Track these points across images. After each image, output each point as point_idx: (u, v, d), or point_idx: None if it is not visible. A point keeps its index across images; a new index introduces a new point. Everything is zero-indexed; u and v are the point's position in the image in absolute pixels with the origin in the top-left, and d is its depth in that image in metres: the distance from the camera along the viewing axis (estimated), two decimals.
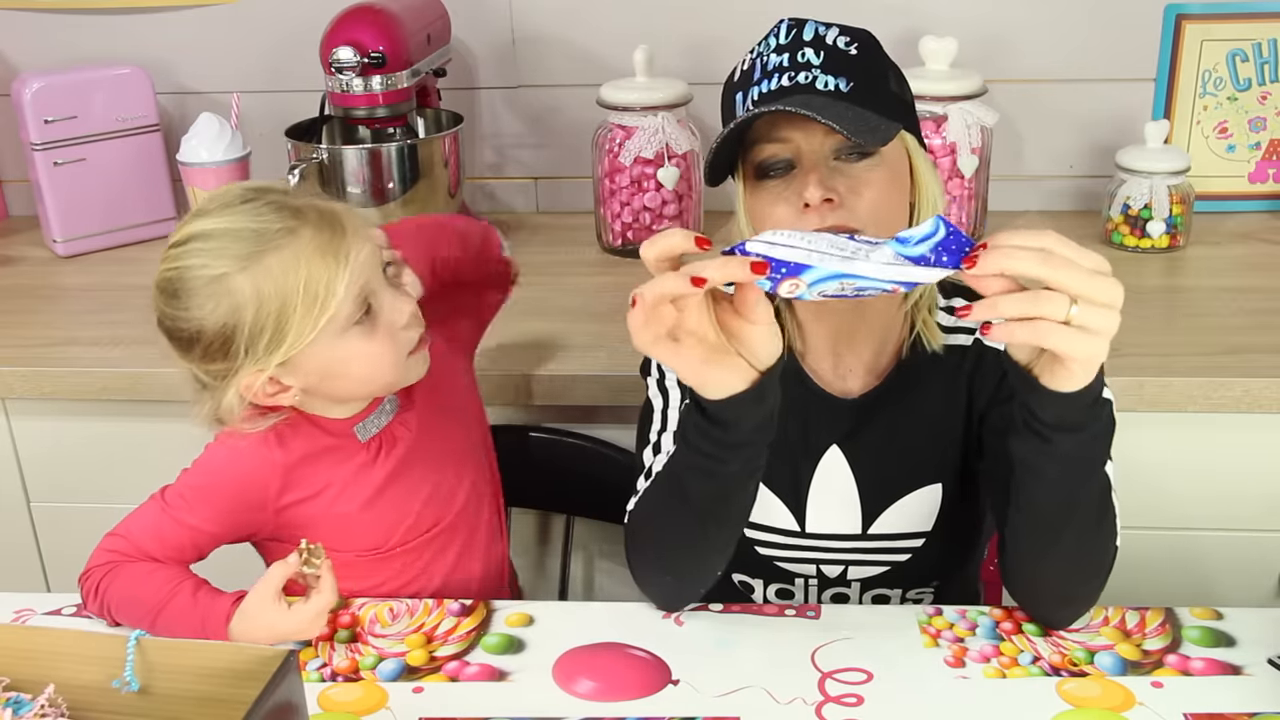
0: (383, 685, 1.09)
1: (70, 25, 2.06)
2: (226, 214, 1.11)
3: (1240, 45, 1.93)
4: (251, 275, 1.08)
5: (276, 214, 1.10)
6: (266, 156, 1.95)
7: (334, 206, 1.14)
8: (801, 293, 0.89)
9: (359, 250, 1.12)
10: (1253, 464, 1.55)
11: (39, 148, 1.92)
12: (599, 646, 1.13)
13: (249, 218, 1.10)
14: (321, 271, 1.09)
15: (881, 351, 1.22)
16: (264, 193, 1.14)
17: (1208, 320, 1.64)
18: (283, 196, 1.13)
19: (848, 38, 1.10)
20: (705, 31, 1.96)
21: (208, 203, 1.14)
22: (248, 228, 1.10)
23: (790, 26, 1.11)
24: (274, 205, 1.11)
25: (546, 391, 1.56)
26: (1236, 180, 2.00)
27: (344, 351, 1.14)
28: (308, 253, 1.09)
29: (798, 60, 1.09)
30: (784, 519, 1.25)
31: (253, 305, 1.08)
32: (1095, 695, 1.05)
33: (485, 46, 2.04)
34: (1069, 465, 1.00)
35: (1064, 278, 0.88)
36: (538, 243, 2.00)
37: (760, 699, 1.06)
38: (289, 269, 1.08)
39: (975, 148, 1.83)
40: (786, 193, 1.10)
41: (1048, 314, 0.88)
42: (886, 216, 1.11)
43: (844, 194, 1.09)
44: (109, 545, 1.20)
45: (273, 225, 1.10)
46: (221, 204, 1.13)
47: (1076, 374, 0.93)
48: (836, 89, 1.07)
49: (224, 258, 1.09)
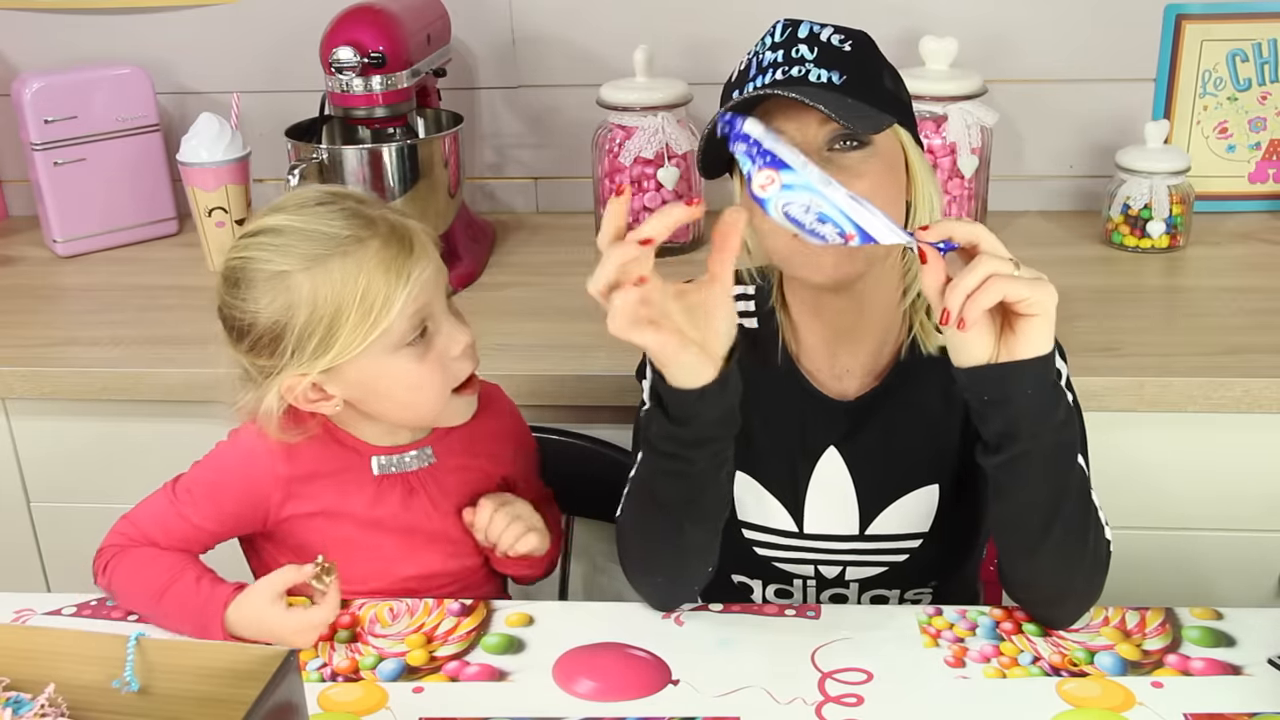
0: (383, 685, 1.09)
1: (70, 25, 2.06)
2: (301, 213, 1.12)
3: (1240, 45, 1.93)
4: (312, 277, 1.09)
5: (348, 220, 1.11)
6: (266, 156, 1.95)
7: (408, 223, 1.14)
8: (768, 197, 0.91)
9: (423, 270, 1.11)
10: (1253, 464, 1.55)
11: (39, 148, 1.92)
12: (599, 646, 1.13)
13: (321, 220, 1.11)
14: (381, 285, 1.09)
15: (879, 353, 1.22)
16: (341, 198, 1.14)
17: (1208, 320, 1.64)
18: (358, 205, 1.13)
19: (842, 35, 1.11)
20: (705, 31, 1.96)
21: (286, 199, 1.15)
22: (319, 230, 1.10)
23: (785, 26, 1.12)
24: (348, 212, 1.12)
25: (547, 391, 1.56)
26: (1236, 180, 2.00)
27: (392, 370, 1.13)
28: (371, 264, 1.09)
29: (792, 56, 1.09)
30: (782, 520, 1.25)
31: (307, 307, 1.09)
32: (1095, 695, 1.05)
33: (485, 46, 2.04)
34: (1040, 464, 1.04)
35: (1000, 246, 0.98)
36: (538, 243, 2.00)
37: (760, 699, 1.06)
38: (350, 276, 1.08)
39: (975, 148, 1.83)
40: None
41: (999, 269, 0.95)
42: (880, 208, 1.11)
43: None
44: (121, 529, 1.21)
45: (343, 231, 1.10)
46: (298, 202, 1.13)
47: (1040, 327, 0.98)
48: (829, 82, 1.08)
49: (290, 256, 1.09)
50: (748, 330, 1.25)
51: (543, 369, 1.56)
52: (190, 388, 1.58)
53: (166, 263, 1.97)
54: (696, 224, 1.93)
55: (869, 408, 1.22)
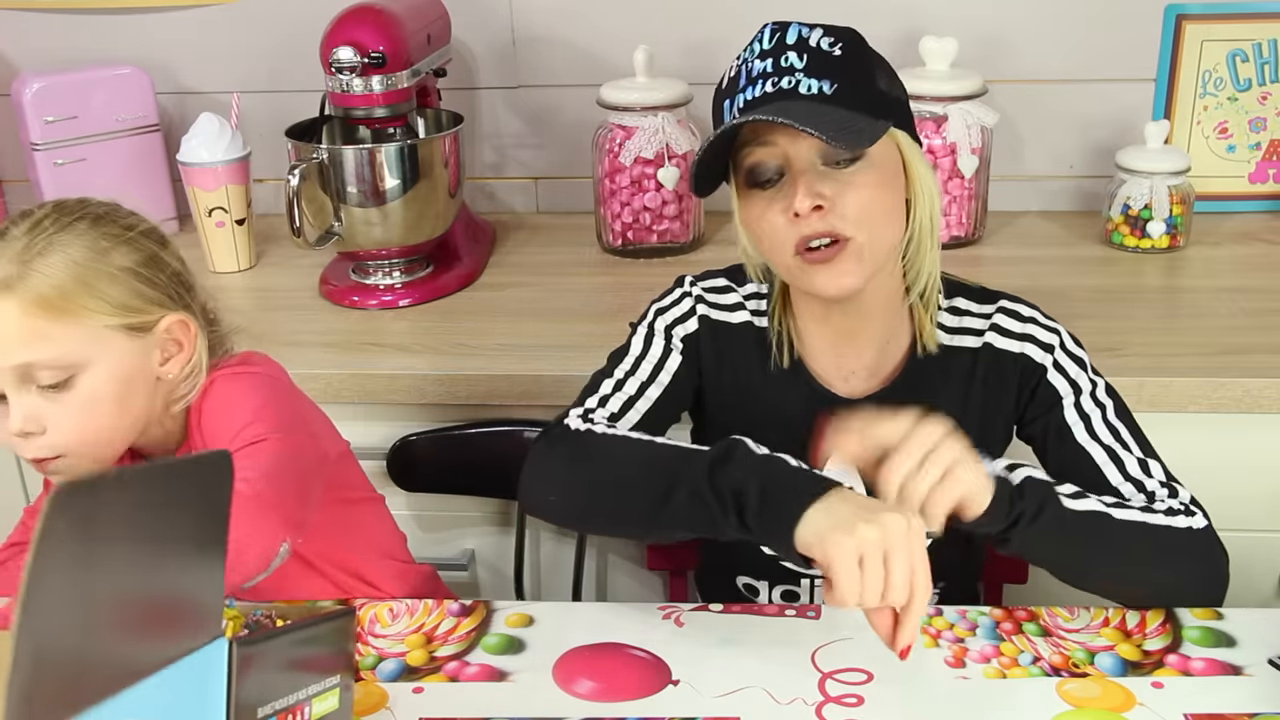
0: (383, 685, 1.09)
1: (70, 25, 2.06)
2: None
3: (1240, 45, 1.93)
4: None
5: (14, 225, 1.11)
6: (266, 156, 1.95)
7: (52, 259, 1.11)
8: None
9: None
10: (1253, 464, 1.55)
11: (39, 148, 1.92)
12: (599, 646, 1.13)
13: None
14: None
15: (885, 353, 1.22)
16: (28, 216, 1.14)
17: (1208, 320, 1.65)
18: (33, 222, 1.13)
19: (831, 38, 1.10)
20: (705, 31, 1.96)
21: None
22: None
23: (774, 31, 1.11)
24: (22, 219, 1.13)
25: (547, 391, 1.56)
26: (1236, 180, 2.00)
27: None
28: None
29: (781, 65, 1.09)
30: None
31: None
32: (1095, 696, 1.05)
33: (485, 46, 2.04)
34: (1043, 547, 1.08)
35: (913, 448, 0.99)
36: (538, 243, 2.00)
37: (760, 699, 1.06)
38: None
39: (975, 148, 1.83)
40: (778, 200, 1.11)
41: (946, 461, 0.98)
42: (878, 219, 1.12)
43: (833, 199, 1.09)
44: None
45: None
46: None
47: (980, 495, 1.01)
48: (820, 92, 1.08)
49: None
50: (758, 328, 1.25)
51: (543, 369, 1.56)
52: None
53: None
54: (697, 224, 1.93)
55: (878, 406, 1.22)
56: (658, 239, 1.90)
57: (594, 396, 1.23)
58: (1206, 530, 1.15)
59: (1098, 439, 1.19)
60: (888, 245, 1.15)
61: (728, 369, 1.26)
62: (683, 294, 1.28)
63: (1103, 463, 1.18)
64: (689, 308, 1.27)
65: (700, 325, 1.26)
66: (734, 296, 1.27)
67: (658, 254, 1.91)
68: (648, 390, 1.24)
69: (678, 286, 1.29)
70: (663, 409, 1.24)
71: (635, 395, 1.23)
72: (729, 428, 1.23)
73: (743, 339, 1.26)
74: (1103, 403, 1.21)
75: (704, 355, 1.26)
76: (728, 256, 1.29)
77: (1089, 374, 1.22)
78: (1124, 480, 1.17)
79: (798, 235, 1.11)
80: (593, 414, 1.20)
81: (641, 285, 1.68)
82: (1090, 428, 1.20)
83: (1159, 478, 1.17)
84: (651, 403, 1.23)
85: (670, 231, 1.90)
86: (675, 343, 1.26)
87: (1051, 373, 1.21)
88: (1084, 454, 1.19)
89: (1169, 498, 1.16)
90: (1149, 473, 1.18)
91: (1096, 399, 1.21)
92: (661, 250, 1.91)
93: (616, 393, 1.23)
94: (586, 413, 1.20)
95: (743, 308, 1.26)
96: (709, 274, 1.29)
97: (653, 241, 1.90)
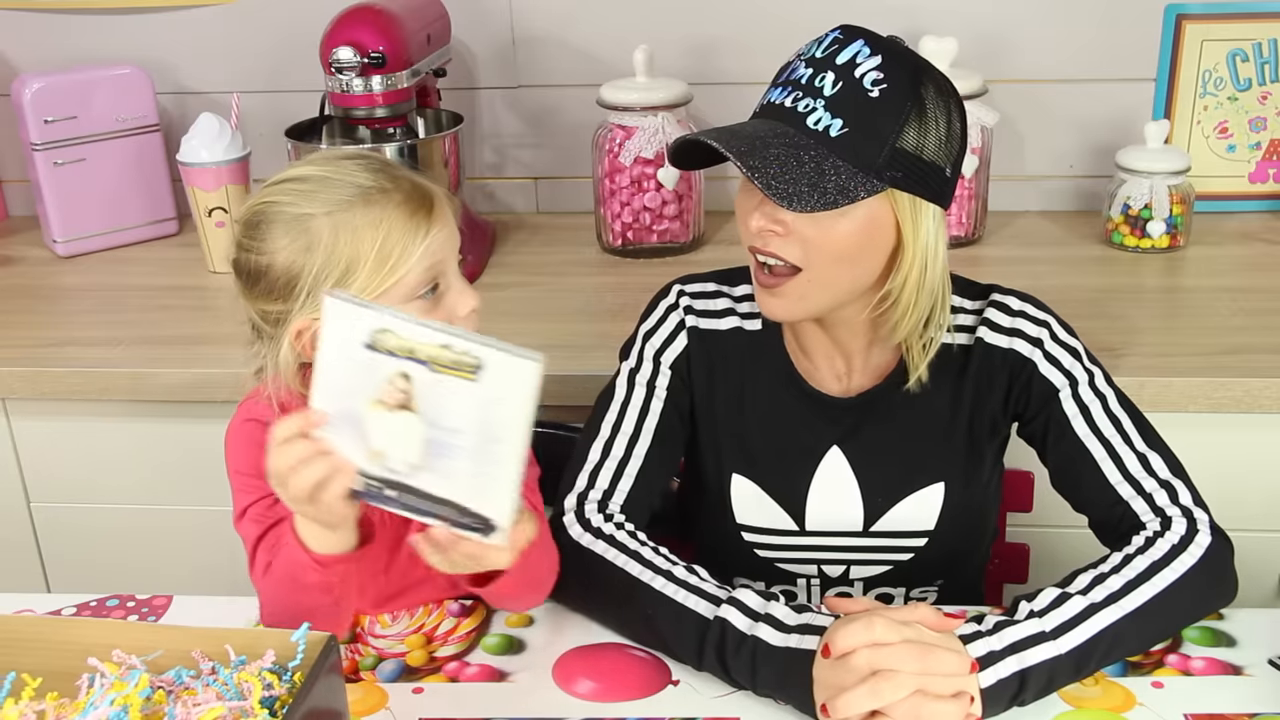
0: (383, 686, 1.09)
1: (70, 25, 2.06)
2: (328, 165, 1.12)
3: (1240, 45, 1.93)
4: (333, 221, 1.08)
5: (374, 175, 1.11)
6: (266, 156, 1.95)
7: (431, 186, 1.14)
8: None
9: (442, 227, 1.12)
10: (1253, 464, 1.55)
11: (39, 148, 1.92)
12: (599, 647, 1.13)
13: (348, 171, 1.11)
14: (400, 235, 1.09)
15: (876, 353, 1.22)
16: (369, 157, 1.15)
17: (1208, 320, 1.64)
18: (386, 164, 1.14)
19: (880, 75, 1.05)
20: (705, 31, 1.96)
21: (314, 155, 1.16)
22: (345, 179, 1.10)
23: (834, 41, 1.08)
24: (374, 167, 1.12)
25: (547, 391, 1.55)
26: (1237, 180, 2.00)
27: None
28: (393, 215, 1.09)
29: (814, 84, 1.06)
30: (781, 520, 1.25)
31: (325, 250, 1.08)
32: (1095, 695, 1.05)
33: (485, 46, 2.04)
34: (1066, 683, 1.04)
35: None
36: (538, 243, 2.00)
37: (760, 699, 1.05)
38: (371, 224, 1.08)
39: (975, 148, 1.83)
40: (754, 194, 1.09)
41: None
42: (832, 262, 1.09)
43: (790, 226, 1.08)
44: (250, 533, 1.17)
45: (368, 182, 1.10)
46: (325, 156, 1.14)
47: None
48: (825, 130, 1.05)
49: (314, 201, 1.09)
50: (748, 332, 1.25)
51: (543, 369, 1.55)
52: (190, 388, 1.58)
53: (166, 263, 1.97)
54: (697, 224, 1.93)
55: (871, 405, 1.22)
56: (658, 239, 1.90)
57: (584, 473, 1.20)
58: (1212, 546, 1.11)
59: (1098, 431, 1.17)
60: (843, 290, 1.12)
61: (719, 378, 1.25)
62: (668, 308, 1.26)
63: (1101, 460, 1.16)
64: (676, 323, 1.25)
65: (689, 340, 1.25)
66: (723, 302, 1.26)
67: (658, 254, 1.90)
68: (635, 448, 1.22)
69: (663, 297, 1.27)
70: (655, 459, 1.22)
71: (624, 458, 1.21)
72: (724, 434, 1.23)
73: (734, 345, 1.25)
74: (1103, 392, 1.19)
75: (694, 371, 1.25)
76: (728, 257, 1.29)
77: (1084, 363, 1.20)
78: (1123, 479, 1.15)
79: (755, 240, 1.11)
80: (586, 502, 1.18)
81: (641, 285, 1.67)
82: (1090, 419, 1.17)
83: (1160, 475, 1.15)
84: (642, 460, 1.21)
85: (670, 231, 1.90)
86: (664, 369, 1.25)
87: (1043, 365, 1.19)
88: (1083, 451, 1.17)
89: (1170, 503, 1.13)
90: (1150, 470, 1.15)
91: (1095, 388, 1.19)
92: (661, 250, 1.91)
93: (605, 460, 1.21)
94: (580, 502, 1.18)
95: (732, 313, 1.26)
96: (699, 277, 1.28)
97: (652, 241, 1.90)
